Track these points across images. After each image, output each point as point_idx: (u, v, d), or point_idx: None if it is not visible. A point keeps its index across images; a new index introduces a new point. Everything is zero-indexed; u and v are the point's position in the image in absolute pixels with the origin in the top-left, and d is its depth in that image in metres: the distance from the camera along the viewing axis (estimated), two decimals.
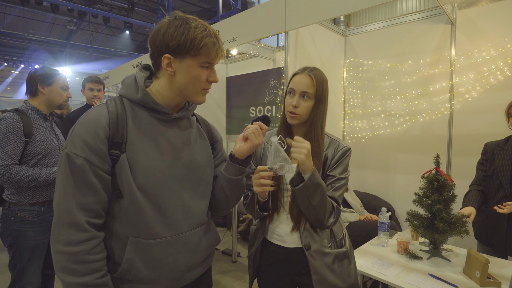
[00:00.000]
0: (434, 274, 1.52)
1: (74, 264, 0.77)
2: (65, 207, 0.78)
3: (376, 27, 3.01)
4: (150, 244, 0.85)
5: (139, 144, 0.85)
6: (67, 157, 0.79)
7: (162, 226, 0.87)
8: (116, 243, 0.85)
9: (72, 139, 0.80)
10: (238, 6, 7.96)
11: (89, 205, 0.80)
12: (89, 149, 0.79)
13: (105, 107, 0.85)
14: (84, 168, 0.79)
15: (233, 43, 2.90)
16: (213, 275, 2.87)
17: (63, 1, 8.24)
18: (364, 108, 3.10)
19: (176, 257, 0.90)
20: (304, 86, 1.14)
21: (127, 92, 0.89)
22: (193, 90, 0.88)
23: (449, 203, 1.68)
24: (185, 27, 0.82)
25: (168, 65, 0.85)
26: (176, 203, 0.90)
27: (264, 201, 1.15)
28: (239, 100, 4.29)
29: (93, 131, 0.80)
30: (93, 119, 0.82)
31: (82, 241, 0.78)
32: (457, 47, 2.47)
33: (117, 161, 0.82)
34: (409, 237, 1.95)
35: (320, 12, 2.19)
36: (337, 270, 1.15)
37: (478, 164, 1.93)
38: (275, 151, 1.03)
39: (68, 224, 0.78)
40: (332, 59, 3.10)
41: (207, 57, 0.85)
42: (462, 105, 2.48)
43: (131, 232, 0.85)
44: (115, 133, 0.82)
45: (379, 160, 3.05)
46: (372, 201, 2.90)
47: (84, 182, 0.79)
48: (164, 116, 0.90)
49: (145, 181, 0.84)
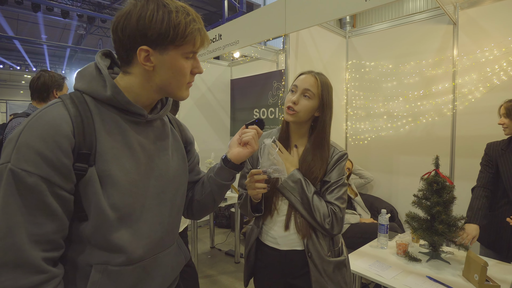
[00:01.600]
0: (432, 276, 1.51)
1: None
2: (11, 243, 0.58)
3: (378, 28, 3.01)
4: (122, 271, 0.70)
5: (111, 154, 0.68)
6: (12, 175, 0.58)
7: (137, 249, 0.72)
8: (75, 276, 0.69)
9: (19, 150, 0.59)
10: (243, 9, 8.01)
11: (46, 236, 0.61)
12: (46, 164, 0.60)
13: (62, 107, 0.65)
14: (40, 189, 0.60)
15: (235, 46, 2.93)
16: (216, 276, 2.91)
17: (72, 7, 8.43)
18: (366, 109, 3.09)
19: (149, 282, 0.77)
20: (308, 84, 1.14)
21: (91, 88, 0.70)
22: (177, 86, 0.73)
23: (449, 205, 1.66)
24: (164, 10, 0.66)
25: (146, 59, 0.68)
26: (153, 221, 0.76)
27: (257, 202, 1.17)
28: (243, 102, 4.32)
29: (52, 139, 0.61)
30: (50, 123, 0.62)
31: (35, 286, 0.59)
32: (460, 48, 2.45)
33: (83, 176, 0.65)
34: (409, 239, 1.93)
35: (319, 15, 2.21)
36: (335, 279, 1.16)
37: (483, 165, 1.87)
38: (268, 154, 1.03)
39: (15, 265, 0.58)
40: (334, 60, 3.10)
41: (192, 46, 0.70)
42: (465, 106, 2.45)
43: (96, 259, 0.68)
44: (81, 142, 0.64)
45: (382, 161, 3.04)
46: (374, 203, 2.88)
47: (38, 207, 0.60)
48: (137, 118, 0.74)
49: (120, 199, 0.68)
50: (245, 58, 4.24)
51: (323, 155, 1.16)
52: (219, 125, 4.39)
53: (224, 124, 4.48)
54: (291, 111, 1.15)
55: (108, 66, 0.75)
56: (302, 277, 1.16)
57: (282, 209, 1.19)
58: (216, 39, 3.15)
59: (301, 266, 1.16)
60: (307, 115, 1.16)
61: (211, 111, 4.33)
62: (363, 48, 3.12)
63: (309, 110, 1.15)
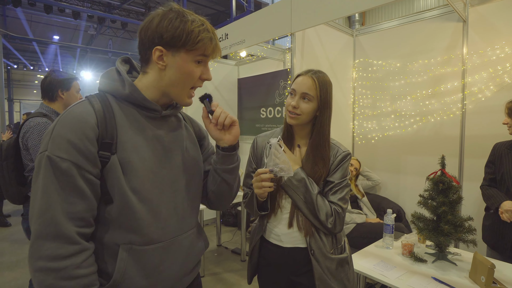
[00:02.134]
0: (437, 277, 1.49)
1: (62, 280, 0.68)
2: (50, 218, 0.68)
3: (386, 26, 2.97)
4: (145, 250, 0.79)
5: (131, 144, 0.77)
6: (49, 161, 0.69)
7: (157, 230, 0.81)
8: (104, 253, 0.77)
9: (54, 140, 0.70)
10: (251, 8, 8.02)
11: (78, 214, 0.71)
12: (76, 151, 0.70)
13: (88, 104, 0.76)
14: (72, 173, 0.70)
15: (241, 45, 2.95)
16: (222, 274, 2.94)
17: (83, 8, 8.57)
18: (373, 108, 3.06)
19: (171, 263, 0.85)
20: (305, 88, 1.14)
21: (112, 88, 0.81)
22: (182, 88, 0.82)
23: (455, 206, 1.64)
24: (181, 19, 0.76)
25: (159, 58, 0.78)
26: (169, 206, 0.84)
27: (263, 201, 1.18)
28: (250, 101, 4.33)
29: (80, 131, 0.71)
30: (78, 118, 0.73)
31: (71, 255, 0.69)
32: (470, 45, 2.41)
33: (106, 163, 0.74)
34: (416, 240, 1.91)
35: (325, 13, 2.20)
36: (338, 276, 1.16)
37: (486, 166, 1.87)
38: (274, 153, 1.05)
39: (54, 237, 0.68)
40: (340, 59, 3.08)
41: (203, 52, 0.79)
42: (474, 105, 2.41)
43: (122, 239, 0.77)
44: (104, 133, 0.74)
45: (389, 161, 3.01)
46: (381, 203, 2.86)
47: (71, 189, 0.70)
48: (153, 113, 0.83)
49: (139, 183, 0.77)
50: (252, 57, 4.24)
51: (323, 154, 1.16)
52: None
53: None
54: (292, 115, 1.16)
55: (127, 71, 0.86)
56: (305, 275, 1.17)
57: (286, 207, 1.20)
58: (223, 38, 3.17)
59: (304, 264, 1.17)
60: (308, 117, 1.17)
61: None
62: (370, 47, 3.09)
63: (310, 112, 1.15)
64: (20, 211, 5.18)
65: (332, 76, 3.19)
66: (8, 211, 5.06)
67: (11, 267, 3.15)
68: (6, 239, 3.97)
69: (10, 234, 4.16)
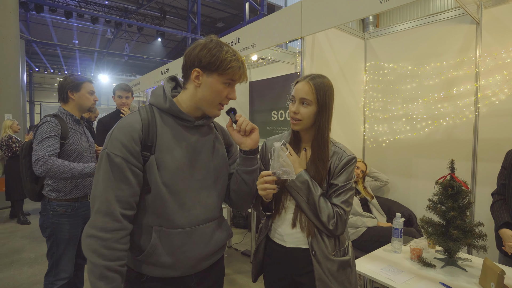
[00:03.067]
0: (446, 283, 1.48)
1: (104, 248, 0.88)
2: (105, 199, 0.90)
3: (397, 29, 2.95)
4: (171, 233, 0.98)
5: (166, 147, 0.97)
6: (107, 156, 0.92)
7: (182, 218, 0.99)
8: (141, 232, 0.99)
9: (112, 141, 0.93)
10: (264, 11, 8.08)
11: (124, 198, 0.92)
12: (126, 149, 0.92)
13: (138, 114, 0.99)
14: (122, 166, 0.91)
15: (252, 49, 2.99)
16: (231, 275, 2.97)
17: (101, 14, 8.84)
18: (385, 112, 3.04)
19: (192, 246, 1.01)
20: (303, 93, 1.17)
21: (157, 102, 1.02)
22: (211, 103, 1.00)
23: (465, 211, 1.62)
24: (218, 49, 0.95)
25: (196, 77, 0.97)
26: (194, 199, 1.02)
27: (268, 201, 1.21)
28: (261, 104, 4.37)
29: (129, 134, 0.93)
30: (129, 124, 0.95)
31: (114, 230, 0.90)
32: (483, 48, 2.37)
33: (147, 161, 0.95)
34: (425, 245, 1.89)
35: (335, 18, 2.21)
36: (339, 278, 1.18)
37: (499, 173, 1.85)
38: (278, 156, 1.08)
39: (106, 213, 0.89)
40: (351, 62, 3.07)
41: (231, 77, 0.98)
42: (488, 108, 2.36)
43: (155, 222, 0.98)
44: (146, 137, 0.95)
45: (400, 165, 2.97)
46: (392, 207, 2.83)
47: (122, 178, 0.92)
48: (187, 123, 1.02)
49: (169, 178, 0.96)
50: (262, 61, 4.28)
51: (323, 155, 1.18)
52: None
53: None
54: (294, 121, 1.20)
55: (173, 87, 1.08)
56: (307, 275, 1.19)
57: (290, 207, 1.23)
58: (234, 42, 3.22)
59: (306, 264, 1.19)
60: (310, 121, 1.19)
61: None
62: (381, 50, 3.07)
63: (311, 116, 1.18)
64: (39, 210, 5.38)
65: (342, 79, 3.19)
66: (28, 210, 5.27)
67: (29, 263, 3.29)
68: (26, 237, 4.13)
69: (30, 232, 4.33)
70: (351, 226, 2.55)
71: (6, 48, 6.14)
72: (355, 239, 2.52)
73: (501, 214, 1.79)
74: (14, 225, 4.66)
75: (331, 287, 1.16)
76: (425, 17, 2.76)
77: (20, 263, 3.29)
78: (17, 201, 4.79)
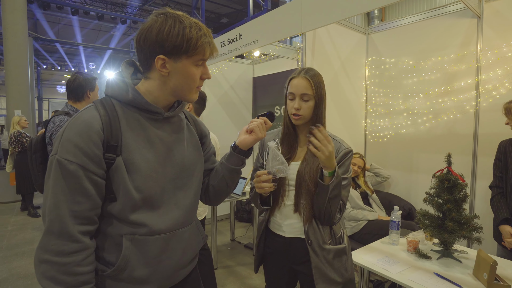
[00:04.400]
0: (440, 273, 1.51)
1: (63, 275, 0.74)
2: (56, 216, 0.74)
3: (398, 24, 2.95)
4: (147, 240, 0.85)
5: (134, 145, 0.83)
6: (58, 163, 0.75)
7: (158, 224, 0.86)
8: (109, 243, 0.84)
9: (62, 144, 0.76)
10: (267, 7, 8.05)
11: (82, 213, 0.77)
12: (82, 154, 0.75)
13: (94, 109, 0.81)
14: (78, 174, 0.75)
15: (254, 45, 3.02)
16: (234, 267, 3.04)
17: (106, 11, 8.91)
18: (386, 106, 3.05)
19: (170, 254, 0.90)
20: (303, 89, 1.20)
21: (116, 93, 0.85)
22: (187, 89, 0.86)
23: (461, 204, 1.65)
24: (180, 26, 0.78)
25: (162, 66, 0.81)
26: (170, 202, 0.90)
27: (266, 196, 1.26)
28: (264, 100, 4.40)
29: (86, 135, 0.76)
30: (84, 122, 0.78)
31: (72, 252, 0.75)
32: (484, 42, 2.37)
33: (112, 164, 0.79)
34: (423, 237, 1.93)
35: (335, 13, 2.23)
36: (335, 265, 1.22)
37: (493, 165, 1.87)
38: (272, 155, 1.12)
39: (59, 234, 0.74)
40: (353, 57, 3.09)
41: (202, 56, 0.83)
42: (489, 102, 2.37)
43: (125, 230, 0.83)
44: (109, 137, 0.79)
45: (402, 159, 3.00)
46: (393, 201, 2.86)
47: (77, 189, 0.76)
48: (155, 115, 0.87)
49: (142, 183, 0.82)
50: (265, 57, 4.30)
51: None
52: (241, 122, 4.51)
53: (245, 121, 4.58)
54: (296, 116, 1.23)
55: (132, 73, 0.91)
56: (305, 264, 1.24)
57: (290, 197, 1.26)
58: (237, 38, 3.25)
59: (304, 254, 1.24)
60: (310, 115, 1.24)
61: (233, 109, 4.46)
62: (383, 45, 3.07)
63: (311, 109, 1.22)
64: None
65: (343, 74, 3.21)
66: (38, 203, 5.41)
67: None
68: (37, 229, 4.26)
69: (40, 225, 4.46)
70: (352, 219, 2.59)
71: (15, 45, 6.26)
72: (356, 232, 2.56)
73: (500, 209, 1.82)
74: (25, 217, 4.80)
75: (327, 274, 1.20)
76: (426, 11, 2.76)
77: (32, 253, 3.41)
78: (27, 195, 4.93)
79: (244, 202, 4.43)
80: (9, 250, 3.50)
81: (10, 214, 4.97)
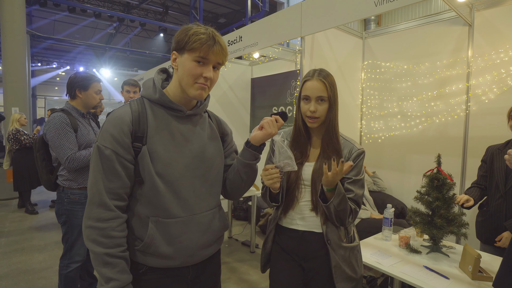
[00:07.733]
0: (429, 266, 1.61)
1: (102, 237, 0.91)
2: (96, 190, 0.92)
3: (394, 29, 3.06)
4: (168, 223, 0.98)
5: (158, 137, 0.97)
6: (98, 148, 0.93)
7: (177, 208, 0.99)
8: (139, 222, 0.99)
9: (102, 133, 0.94)
10: (265, 8, 8.14)
11: (114, 189, 0.93)
12: (115, 142, 0.92)
13: (128, 106, 0.99)
14: (112, 158, 0.92)
15: (254, 47, 3.10)
16: (232, 263, 3.13)
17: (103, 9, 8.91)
18: (381, 109, 3.16)
19: (189, 235, 1.02)
20: (319, 91, 1.20)
21: (147, 94, 1.02)
22: (187, 83, 0.96)
23: (450, 202, 1.75)
24: (189, 28, 0.94)
25: (174, 60, 0.98)
26: (188, 189, 1.02)
27: (275, 193, 1.25)
28: (262, 100, 4.49)
29: (119, 126, 0.93)
30: (118, 117, 0.95)
31: (109, 219, 0.92)
32: (475, 49, 2.48)
33: (139, 152, 0.95)
34: (414, 234, 2.03)
35: (334, 18, 2.32)
36: (351, 263, 1.25)
37: (479, 166, 2.00)
38: (279, 150, 1.14)
39: (99, 204, 0.92)
40: (349, 61, 3.19)
41: (199, 52, 0.93)
42: (478, 106, 2.48)
43: (151, 212, 0.98)
44: (137, 128, 0.95)
45: (395, 160, 3.11)
46: (386, 200, 2.96)
47: (111, 170, 0.93)
48: (178, 113, 1.02)
49: (163, 169, 0.97)
50: (264, 59, 4.39)
51: (336, 147, 1.24)
52: (239, 122, 4.59)
53: (243, 121, 4.66)
54: (312, 119, 1.23)
55: (164, 79, 1.09)
56: (315, 260, 1.25)
57: (305, 195, 1.27)
58: (237, 40, 3.33)
59: (316, 248, 1.24)
60: (324, 117, 1.24)
61: (232, 109, 4.54)
62: (379, 49, 3.18)
63: (326, 111, 1.23)
64: (46, 201, 5.54)
65: (340, 77, 3.32)
66: (35, 200, 5.43)
67: (40, 249, 3.44)
68: (35, 225, 4.29)
69: (38, 221, 4.49)
70: None
71: (14, 42, 6.25)
72: None
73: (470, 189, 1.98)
74: (22, 214, 4.82)
75: (346, 272, 1.22)
76: (420, 18, 2.87)
77: (31, 249, 3.45)
78: (25, 192, 4.95)
79: (241, 201, 4.51)
80: (9, 246, 3.53)
81: (7, 211, 4.99)
